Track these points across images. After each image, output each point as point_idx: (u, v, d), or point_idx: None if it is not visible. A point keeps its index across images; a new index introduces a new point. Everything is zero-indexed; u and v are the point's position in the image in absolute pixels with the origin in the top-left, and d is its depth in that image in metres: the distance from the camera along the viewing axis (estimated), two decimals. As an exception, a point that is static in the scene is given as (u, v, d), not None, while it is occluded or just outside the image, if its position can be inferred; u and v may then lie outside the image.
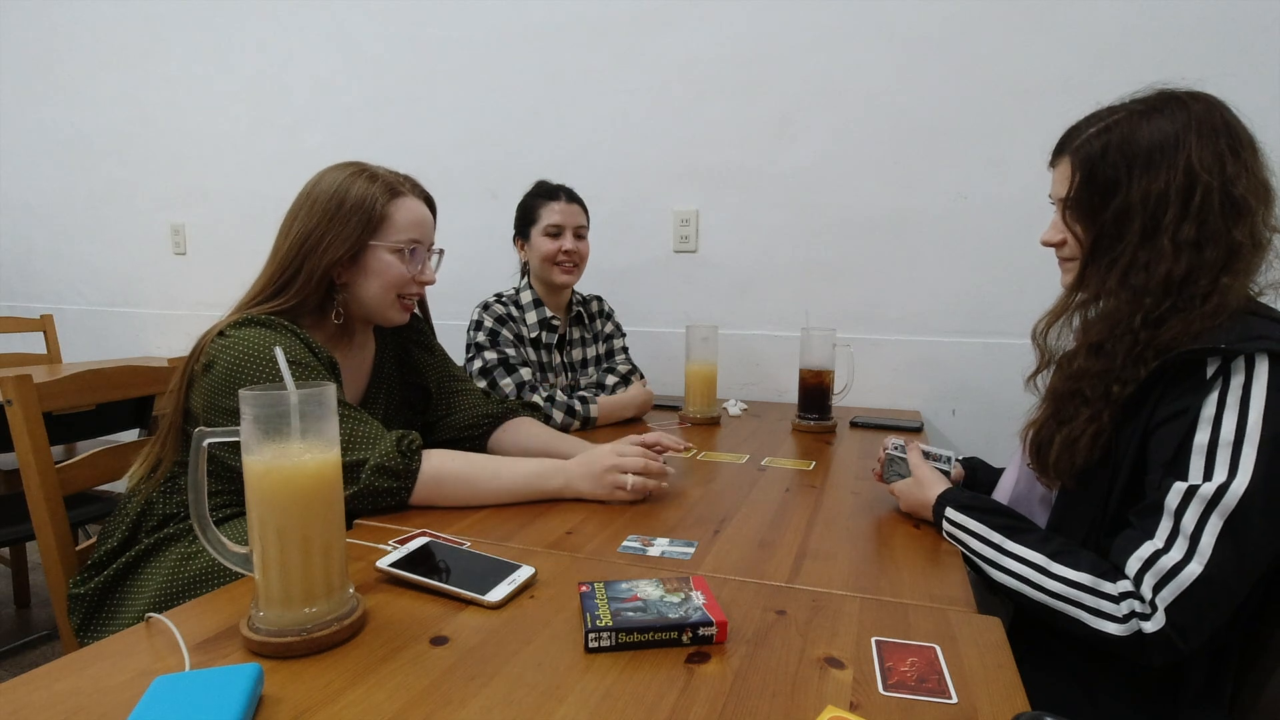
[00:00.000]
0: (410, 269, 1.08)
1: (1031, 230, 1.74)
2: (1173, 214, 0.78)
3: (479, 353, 1.57)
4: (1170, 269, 0.79)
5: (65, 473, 1.12)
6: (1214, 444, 0.71)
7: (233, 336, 0.94)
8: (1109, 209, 0.83)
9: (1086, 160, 0.85)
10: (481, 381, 1.54)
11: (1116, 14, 1.62)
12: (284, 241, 1.03)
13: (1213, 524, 0.69)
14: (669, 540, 0.89)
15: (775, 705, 0.54)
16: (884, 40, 1.80)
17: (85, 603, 0.97)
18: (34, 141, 2.92)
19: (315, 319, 1.08)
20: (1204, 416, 0.73)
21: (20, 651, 1.90)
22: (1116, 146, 0.82)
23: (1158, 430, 0.77)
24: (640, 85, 2.03)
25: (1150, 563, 0.71)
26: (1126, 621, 0.71)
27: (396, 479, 0.94)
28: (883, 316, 1.90)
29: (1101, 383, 0.82)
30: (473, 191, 2.25)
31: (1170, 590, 0.69)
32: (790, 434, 1.56)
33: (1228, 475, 0.70)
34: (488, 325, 1.59)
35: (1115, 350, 0.81)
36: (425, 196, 1.12)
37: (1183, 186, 0.78)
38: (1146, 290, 0.80)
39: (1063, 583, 0.75)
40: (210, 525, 0.65)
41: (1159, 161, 0.79)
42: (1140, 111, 0.83)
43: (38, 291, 3.02)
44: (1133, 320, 0.80)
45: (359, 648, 0.62)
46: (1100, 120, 0.86)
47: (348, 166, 1.06)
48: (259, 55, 2.49)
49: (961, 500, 0.89)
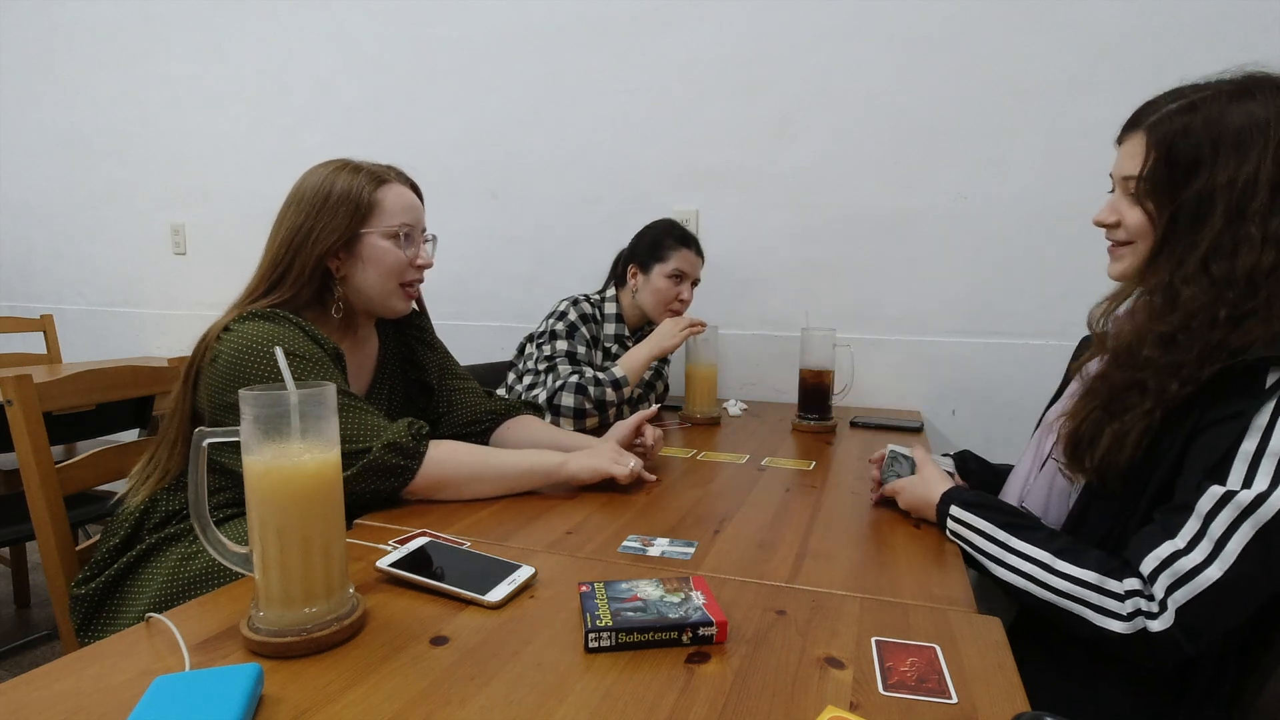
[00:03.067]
0: (406, 254, 1.08)
1: (1031, 230, 1.76)
2: (1262, 201, 0.73)
3: (552, 340, 1.59)
4: (1257, 261, 0.73)
5: (65, 473, 1.12)
6: (1260, 452, 0.69)
7: (236, 331, 0.95)
8: (1189, 189, 0.77)
9: (1166, 137, 0.79)
10: (543, 365, 1.57)
11: (1116, 14, 1.62)
12: (274, 241, 1.04)
13: (1243, 532, 0.67)
14: (669, 540, 0.89)
15: (775, 705, 0.54)
16: (884, 40, 1.80)
17: (86, 603, 0.97)
18: (34, 141, 2.92)
19: (316, 314, 1.08)
20: (1255, 424, 0.69)
21: (20, 651, 1.90)
22: (1202, 125, 0.76)
23: (1204, 433, 0.74)
24: (640, 85, 2.03)
25: (1168, 563, 0.70)
26: (1131, 619, 0.70)
27: (405, 456, 0.95)
28: (883, 316, 1.90)
29: (1167, 377, 0.76)
30: (473, 191, 2.25)
31: (1185, 592, 0.68)
32: (790, 434, 1.56)
33: (1269, 485, 0.67)
34: (571, 318, 1.63)
35: (1190, 344, 0.75)
36: (411, 184, 1.13)
37: (1273, 176, 0.73)
38: (1230, 281, 0.74)
39: (1068, 580, 0.74)
40: (210, 525, 0.65)
41: (1249, 145, 0.74)
42: (1229, 92, 0.77)
43: (38, 291, 3.02)
44: (1215, 312, 0.74)
45: (359, 648, 0.62)
46: (1183, 97, 0.80)
47: (332, 163, 1.06)
48: (259, 55, 2.49)
49: (967, 498, 0.89)
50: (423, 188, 1.14)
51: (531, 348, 1.67)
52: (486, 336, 2.24)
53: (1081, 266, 1.64)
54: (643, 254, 1.72)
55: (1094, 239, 0.93)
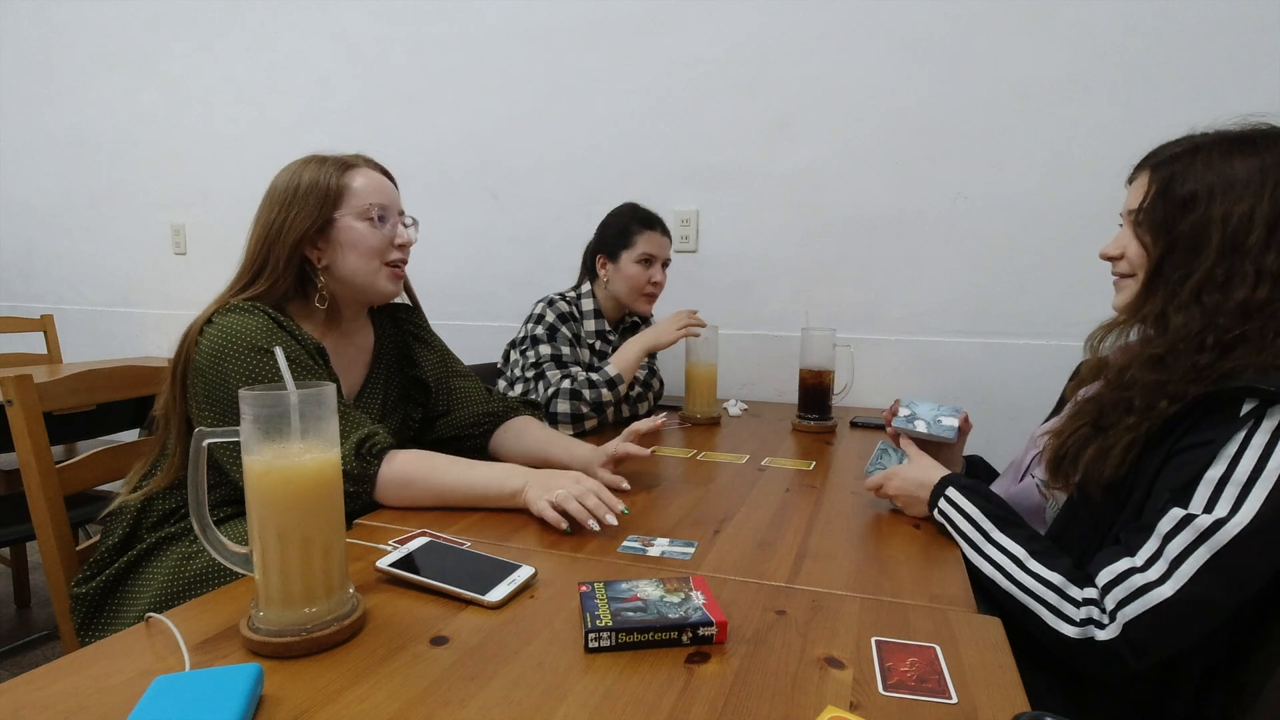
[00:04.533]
0: (384, 233, 1.07)
1: (1031, 230, 1.76)
2: (1257, 237, 0.76)
3: (534, 345, 1.57)
4: (1250, 294, 0.75)
5: (65, 473, 1.12)
6: (1225, 479, 0.70)
7: (215, 324, 0.95)
8: (1185, 222, 0.80)
9: (1166, 173, 0.83)
10: (530, 372, 1.54)
11: (1116, 14, 1.62)
12: (250, 239, 1.05)
13: (1199, 555, 0.69)
14: (669, 540, 0.89)
15: (775, 705, 0.54)
16: (884, 40, 1.80)
17: (86, 603, 0.97)
18: (34, 142, 2.92)
19: (300, 306, 1.08)
20: (1224, 452, 0.71)
21: (20, 651, 1.90)
22: (1202, 164, 0.80)
23: (1177, 456, 0.76)
24: (640, 85, 2.03)
25: (1121, 578, 0.72)
26: (1082, 626, 0.73)
27: (353, 483, 0.94)
28: (883, 316, 1.90)
29: (1153, 395, 0.78)
30: (473, 191, 2.25)
31: (1135, 607, 0.70)
32: (790, 434, 1.56)
33: (1229, 511, 0.69)
34: (549, 320, 1.60)
35: (1175, 365, 0.78)
36: (381, 168, 1.12)
37: (1270, 215, 0.76)
38: (1221, 311, 0.77)
39: (1034, 579, 0.77)
40: (210, 525, 0.65)
41: (1247, 185, 0.77)
42: (1232, 138, 0.81)
43: (38, 291, 3.02)
44: (1203, 338, 0.77)
45: (359, 648, 0.62)
46: (1188, 141, 0.84)
47: (300, 160, 1.07)
48: (259, 55, 2.49)
49: (964, 483, 0.91)
50: (423, 188, 1.14)
51: (516, 354, 1.64)
52: (486, 336, 2.24)
53: (1081, 266, 1.64)
54: (609, 243, 1.69)
55: (1094, 239, 0.94)
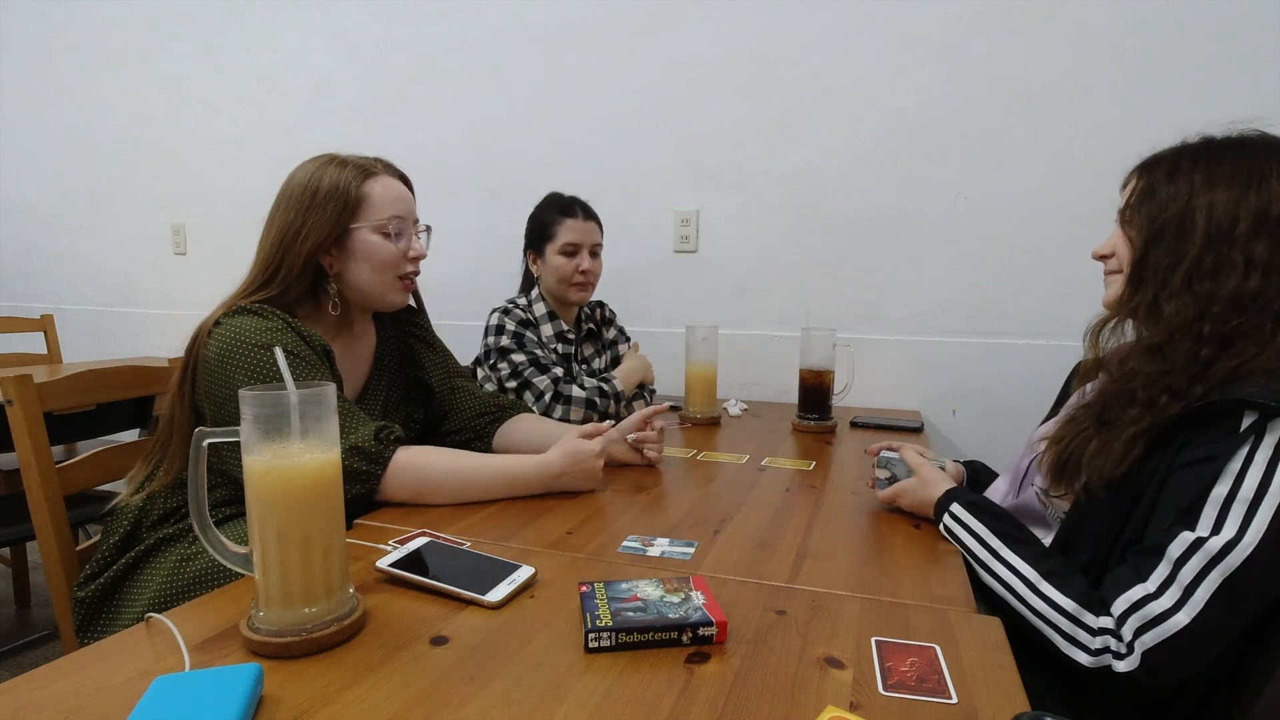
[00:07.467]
0: (399, 246, 1.07)
1: (1031, 230, 1.76)
2: (1245, 228, 0.76)
3: (504, 356, 1.52)
4: (1241, 284, 0.75)
5: (65, 473, 1.12)
6: (1231, 499, 0.70)
7: (224, 325, 0.95)
8: (1169, 211, 0.81)
9: (1152, 172, 0.84)
10: (512, 383, 1.51)
11: (1116, 14, 1.62)
12: (265, 239, 1.04)
13: (1211, 579, 0.68)
14: (669, 540, 0.89)
15: (775, 705, 0.54)
16: (884, 40, 1.80)
17: (86, 604, 0.97)
18: (34, 142, 2.92)
19: (311, 310, 1.08)
20: (1229, 470, 0.70)
21: (20, 651, 1.90)
22: (1188, 162, 0.81)
23: (1180, 471, 0.75)
24: (640, 85, 2.03)
25: (1138, 606, 0.71)
26: (1098, 655, 0.71)
27: (369, 462, 0.94)
28: (883, 316, 1.90)
29: (1155, 386, 0.78)
30: (473, 191, 2.25)
31: (1153, 636, 0.69)
32: (790, 434, 1.56)
33: (1237, 532, 0.68)
34: (511, 329, 1.55)
35: (1175, 354, 0.77)
36: (400, 175, 1.12)
37: (1257, 208, 0.76)
38: (1214, 299, 0.76)
39: (1047, 603, 0.76)
40: (210, 525, 0.65)
41: (1232, 180, 0.78)
42: (1219, 142, 0.82)
43: (38, 291, 3.02)
44: (1199, 326, 0.76)
45: (359, 648, 0.62)
46: (1177, 146, 0.85)
47: (318, 158, 1.06)
48: (259, 55, 2.49)
49: (969, 498, 0.90)
50: (423, 188, 1.14)
51: (485, 370, 1.58)
52: (486, 336, 2.24)
53: (1081, 267, 1.63)
54: (533, 238, 1.65)
55: (1094, 239, 0.94)
